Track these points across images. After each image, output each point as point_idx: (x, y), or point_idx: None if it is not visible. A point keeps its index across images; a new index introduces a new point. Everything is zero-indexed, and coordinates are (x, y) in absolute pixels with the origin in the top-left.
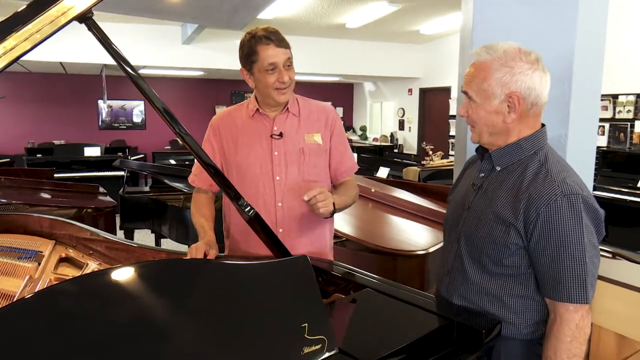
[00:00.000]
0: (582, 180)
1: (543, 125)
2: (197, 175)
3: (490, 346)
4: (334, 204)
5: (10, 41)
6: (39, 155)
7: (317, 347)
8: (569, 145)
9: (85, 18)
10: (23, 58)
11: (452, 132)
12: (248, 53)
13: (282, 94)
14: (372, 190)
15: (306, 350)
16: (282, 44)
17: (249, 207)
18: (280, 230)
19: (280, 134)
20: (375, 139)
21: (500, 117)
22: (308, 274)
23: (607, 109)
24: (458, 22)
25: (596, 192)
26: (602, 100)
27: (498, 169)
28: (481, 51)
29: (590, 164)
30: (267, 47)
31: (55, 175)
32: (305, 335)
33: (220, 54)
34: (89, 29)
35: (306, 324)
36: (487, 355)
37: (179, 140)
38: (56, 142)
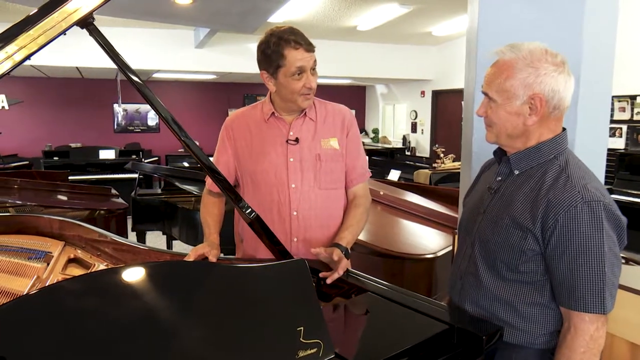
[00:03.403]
0: (604, 187)
1: (564, 129)
2: (209, 181)
3: (492, 353)
4: (348, 251)
5: (12, 46)
6: (55, 158)
7: (313, 350)
8: (577, 147)
9: (86, 23)
10: (40, 63)
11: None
12: (273, 56)
13: (307, 100)
14: (381, 192)
15: (301, 354)
16: (311, 47)
17: (249, 210)
18: (295, 239)
19: (296, 140)
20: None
21: (521, 118)
22: (305, 276)
23: (624, 110)
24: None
25: (613, 196)
26: (619, 101)
27: (516, 172)
28: (506, 50)
29: (601, 167)
30: (296, 51)
31: (71, 177)
32: (301, 339)
33: (232, 58)
34: (90, 34)
35: (302, 328)
36: None
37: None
38: (73, 145)
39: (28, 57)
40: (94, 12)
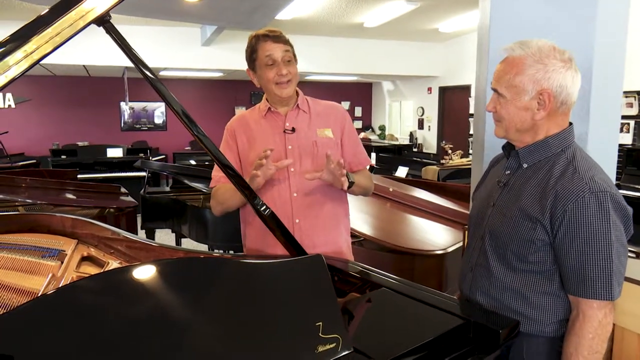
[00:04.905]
0: (610, 179)
1: (571, 123)
2: (216, 178)
3: (509, 345)
4: (349, 174)
5: (31, 45)
6: (63, 157)
7: (332, 345)
8: (589, 142)
9: (103, 21)
10: (47, 61)
11: (472, 131)
12: (250, 52)
13: (282, 89)
14: (390, 189)
15: (320, 349)
16: (279, 40)
17: (264, 207)
18: (297, 220)
19: (293, 129)
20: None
21: (529, 113)
22: (323, 272)
23: (632, 106)
24: (477, 20)
25: (621, 191)
26: (627, 97)
27: (525, 166)
28: (515, 47)
29: (613, 162)
30: (264, 44)
31: (79, 176)
32: (320, 334)
33: (239, 55)
34: (107, 32)
35: (321, 323)
36: (507, 354)
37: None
38: (80, 143)
39: (45, 56)
40: (110, 10)
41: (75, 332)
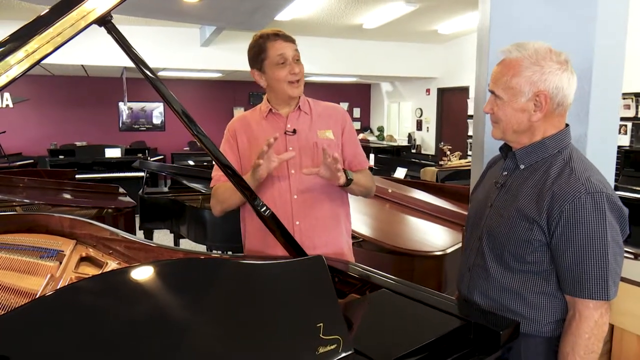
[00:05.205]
0: (606, 179)
1: (567, 125)
2: (216, 177)
3: (509, 347)
4: (347, 171)
5: (33, 44)
6: (61, 157)
7: (333, 347)
8: (588, 144)
9: (104, 21)
10: (45, 61)
11: (471, 132)
12: (258, 52)
13: (295, 87)
14: (389, 190)
15: (321, 350)
16: (289, 39)
17: (264, 207)
18: (297, 222)
19: (294, 131)
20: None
21: (526, 115)
22: (323, 273)
23: (629, 108)
24: (476, 21)
25: (619, 192)
26: (624, 98)
27: (522, 167)
28: (512, 49)
29: (612, 163)
30: (275, 42)
31: (77, 176)
32: (321, 335)
33: (238, 56)
34: (109, 32)
35: (321, 324)
36: (506, 354)
37: (197, 142)
38: (78, 143)
39: (46, 56)
40: (112, 10)
41: (75, 332)
